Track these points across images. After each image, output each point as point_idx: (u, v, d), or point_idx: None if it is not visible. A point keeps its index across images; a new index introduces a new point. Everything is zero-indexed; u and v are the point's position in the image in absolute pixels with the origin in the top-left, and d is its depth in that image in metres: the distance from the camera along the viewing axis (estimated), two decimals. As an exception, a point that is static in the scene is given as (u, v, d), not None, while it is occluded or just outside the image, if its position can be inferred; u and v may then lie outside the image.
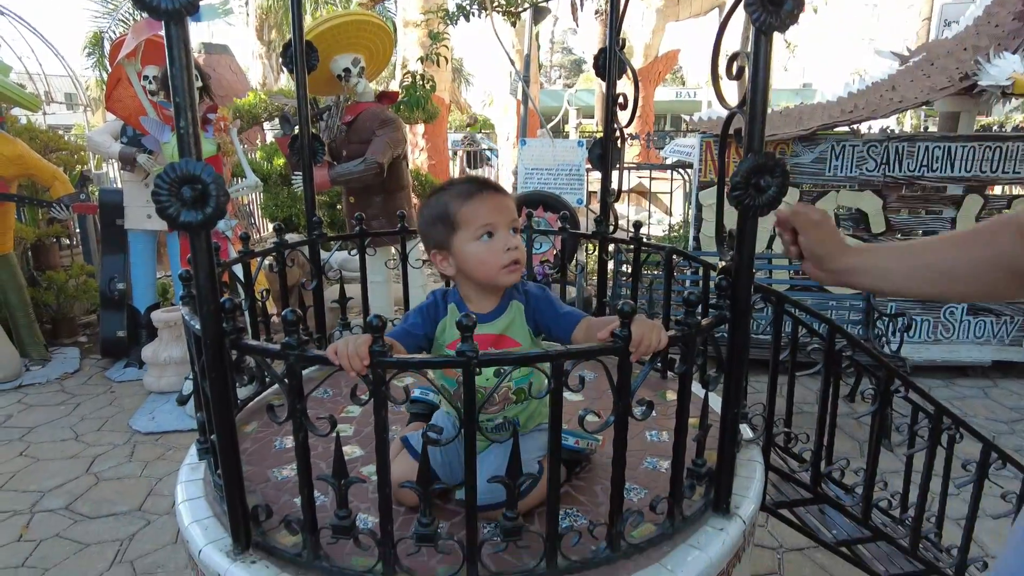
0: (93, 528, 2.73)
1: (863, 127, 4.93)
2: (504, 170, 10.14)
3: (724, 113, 1.27)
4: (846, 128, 4.50)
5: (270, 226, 7.73)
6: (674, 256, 1.92)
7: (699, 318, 1.10)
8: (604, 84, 2.04)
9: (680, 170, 6.24)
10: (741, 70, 1.18)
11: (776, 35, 1.11)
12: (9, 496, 2.98)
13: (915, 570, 1.78)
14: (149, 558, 2.54)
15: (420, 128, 9.90)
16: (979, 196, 4.37)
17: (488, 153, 15.73)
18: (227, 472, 1.11)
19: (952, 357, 4.34)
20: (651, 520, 1.19)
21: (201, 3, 1.04)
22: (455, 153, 13.16)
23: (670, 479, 1.16)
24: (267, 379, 1.79)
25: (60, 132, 6.91)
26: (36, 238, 5.23)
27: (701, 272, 1.73)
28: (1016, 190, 4.59)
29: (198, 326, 1.10)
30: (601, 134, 2.10)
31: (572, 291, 4.73)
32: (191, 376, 4.15)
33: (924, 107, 5.30)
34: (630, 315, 1.00)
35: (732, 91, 1.27)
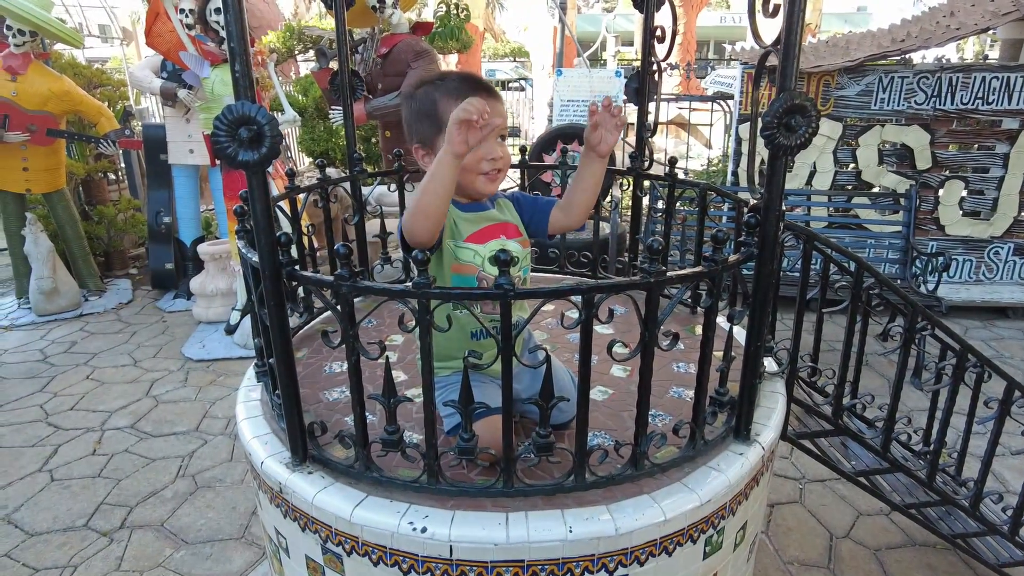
0: (157, 445, 2.97)
1: (916, 56, 4.71)
2: (539, 101, 9.95)
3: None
4: (898, 59, 4.30)
5: (307, 160, 7.82)
6: (709, 193, 1.94)
7: (726, 255, 1.14)
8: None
9: (721, 102, 6.06)
10: (777, 8, 1.17)
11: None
12: (81, 415, 3.24)
13: (931, 500, 1.85)
14: (208, 473, 2.76)
15: (454, 58, 9.73)
16: (1036, 130, 4.18)
17: (522, 83, 15.40)
18: (285, 391, 1.22)
19: (993, 298, 4.26)
20: (674, 443, 1.27)
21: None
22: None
23: (693, 405, 1.23)
24: (315, 310, 1.92)
25: (98, 66, 7.00)
26: (86, 173, 5.41)
27: (735, 209, 1.75)
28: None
29: (256, 258, 1.19)
30: (640, 64, 2.09)
31: (605, 227, 4.73)
32: (237, 307, 4.33)
33: (985, 33, 5.00)
34: (659, 252, 1.05)
35: (775, 26, 1.26)
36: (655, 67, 2.01)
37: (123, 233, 5.56)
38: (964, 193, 4.38)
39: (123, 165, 6.10)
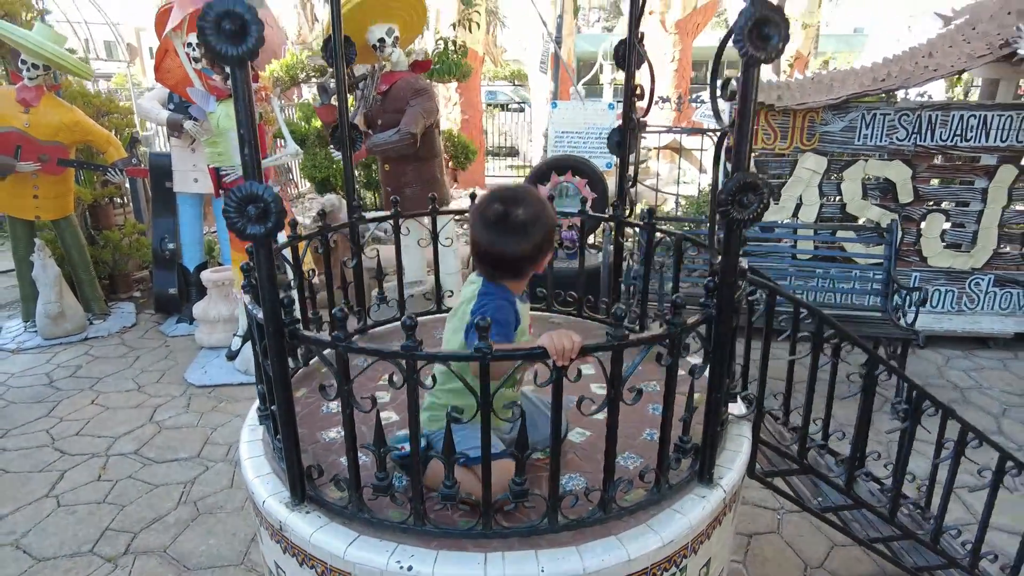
0: (160, 471, 3.07)
1: (899, 92, 4.86)
2: (537, 123, 10.16)
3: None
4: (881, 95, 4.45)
5: (307, 183, 7.98)
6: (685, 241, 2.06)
7: (684, 318, 1.26)
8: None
9: (712, 134, 6.22)
10: (734, 93, 1.31)
11: None
12: (87, 440, 3.35)
13: (893, 535, 1.96)
14: (210, 499, 2.86)
15: (454, 83, 9.93)
16: (1013, 167, 4.32)
17: (521, 104, 15.76)
18: (286, 438, 1.34)
19: (974, 328, 4.38)
20: (642, 487, 1.39)
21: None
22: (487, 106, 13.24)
23: (658, 453, 1.35)
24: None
25: (104, 83, 7.08)
26: (93, 199, 5.55)
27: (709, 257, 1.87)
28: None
29: (261, 315, 1.31)
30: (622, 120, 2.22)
31: (595, 256, 4.86)
32: (238, 333, 4.43)
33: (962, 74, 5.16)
34: (622, 318, 1.17)
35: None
36: (635, 123, 2.15)
37: (127, 257, 5.69)
38: (946, 226, 4.52)
39: (127, 185, 6.24)
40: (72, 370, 4.22)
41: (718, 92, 1.37)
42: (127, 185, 6.09)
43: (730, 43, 1.26)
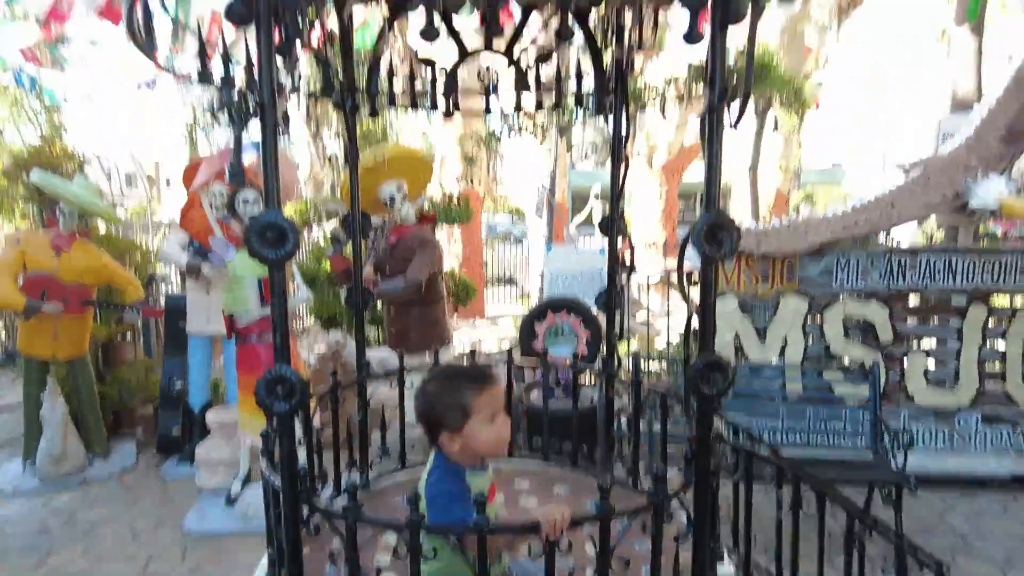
0: (151, 627, 3.00)
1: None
2: (534, 262, 10.62)
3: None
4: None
5: (313, 318, 8.26)
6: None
7: (666, 487, 1.39)
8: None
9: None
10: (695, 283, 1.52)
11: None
12: (75, 596, 3.29)
13: None
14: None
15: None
16: (983, 306, 4.56)
17: (517, 233, 16.62)
18: (295, 605, 1.42)
19: (967, 469, 4.40)
20: (634, 653, 1.44)
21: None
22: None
23: (647, 619, 1.42)
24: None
25: (120, 211, 7.44)
26: (107, 337, 5.74)
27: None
28: (1019, 301, 4.74)
29: (278, 483, 1.44)
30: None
31: (591, 392, 4.98)
32: (240, 476, 4.42)
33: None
34: (607, 492, 1.30)
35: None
36: (620, 286, 2.38)
37: (134, 394, 5.78)
38: (929, 363, 4.67)
39: (139, 324, 6.46)
40: (67, 516, 4.18)
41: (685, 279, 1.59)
42: (139, 324, 6.32)
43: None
